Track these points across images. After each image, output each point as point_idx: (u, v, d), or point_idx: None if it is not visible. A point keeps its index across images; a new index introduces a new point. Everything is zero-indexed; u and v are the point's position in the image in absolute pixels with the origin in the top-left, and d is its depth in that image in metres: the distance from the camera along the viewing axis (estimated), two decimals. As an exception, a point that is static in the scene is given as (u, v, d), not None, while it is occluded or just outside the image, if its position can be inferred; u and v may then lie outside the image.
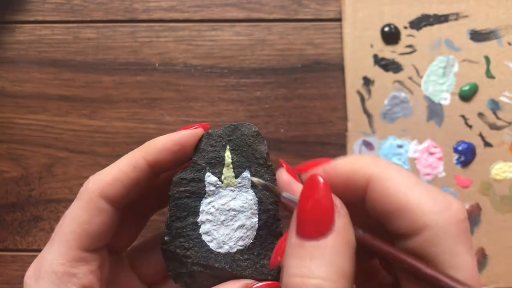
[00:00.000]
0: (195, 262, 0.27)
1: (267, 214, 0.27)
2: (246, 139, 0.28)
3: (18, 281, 0.46)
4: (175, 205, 0.27)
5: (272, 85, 0.45)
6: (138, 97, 0.45)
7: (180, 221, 0.27)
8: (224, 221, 0.27)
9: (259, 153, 0.28)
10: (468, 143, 0.43)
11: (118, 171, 0.26)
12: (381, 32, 0.44)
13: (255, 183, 0.26)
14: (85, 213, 0.25)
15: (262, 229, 0.27)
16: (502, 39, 0.43)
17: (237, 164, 0.28)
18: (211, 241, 0.27)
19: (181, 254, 0.27)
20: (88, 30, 0.45)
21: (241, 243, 0.27)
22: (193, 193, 0.27)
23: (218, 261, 0.27)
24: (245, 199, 0.27)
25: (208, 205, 0.27)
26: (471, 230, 0.43)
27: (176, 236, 0.27)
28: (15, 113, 0.46)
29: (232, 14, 0.45)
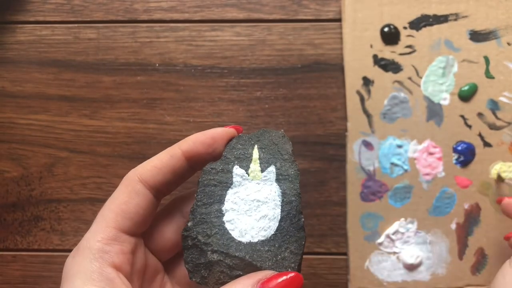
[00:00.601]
0: (215, 249, 0.28)
1: (289, 205, 0.28)
2: (273, 140, 0.30)
3: (18, 281, 0.46)
4: (203, 191, 0.29)
5: (272, 85, 0.45)
6: (139, 97, 0.45)
7: (206, 207, 0.28)
8: (247, 211, 0.28)
9: (284, 150, 0.30)
10: (468, 143, 0.43)
11: (156, 159, 0.28)
12: (380, 32, 0.44)
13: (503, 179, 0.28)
14: (123, 195, 0.27)
15: (284, 221, 0.28)
16: (502, 39, 0.43)
17: (264, 159, 0.29)
18: (234, 230, 0.28)
19: (202, 241, 0.28)
20: (88, 30, 0.45)
21: (263, 233, 0.28)
22: (220, 182, 0.29)
23: (239, 250, 0.27)
24: (269, 191, 0.28)
25: (234, 194, 0.28)
26: (471, 230, 0.43)
27: (199, 223, 0.28)
28: (16, 113, 0.46)
29: (232, 14, 0.45)
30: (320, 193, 0.45)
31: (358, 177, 0.44)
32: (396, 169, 0.44)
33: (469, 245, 0.43)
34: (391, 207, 0.44)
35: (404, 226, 0.44)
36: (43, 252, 0.46)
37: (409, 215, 0.44)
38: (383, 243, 0.44)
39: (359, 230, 0.44)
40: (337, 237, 0.44)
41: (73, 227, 0.45)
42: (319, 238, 0.45)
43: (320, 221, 0.45)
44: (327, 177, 0.44)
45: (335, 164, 0.44)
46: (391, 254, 0.44)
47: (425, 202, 0.44)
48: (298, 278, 0.26)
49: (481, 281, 0.43)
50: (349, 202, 0.44)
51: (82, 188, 0.45)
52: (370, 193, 0.44)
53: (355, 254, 0.44)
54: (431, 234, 0.44)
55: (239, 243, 0.28)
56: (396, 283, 0.44)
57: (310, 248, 0.45)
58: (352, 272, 0.44)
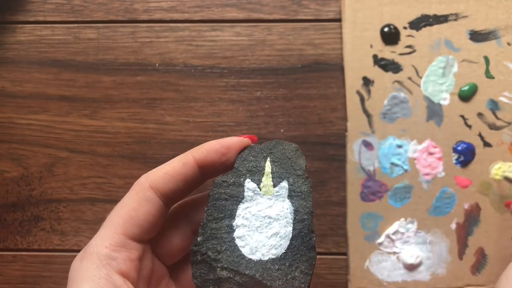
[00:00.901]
0: (225, 266, 0.27)
1: (301, 224, 0.28)
2: (286, 153, 0.29)
3: (18, 281, 0.46)
4: (213, 205, 0.28)
5: (272, 85, 0.45)
6: (139, 97, 0.45)
7: (216, 222, 0.28)
8: (259, 227, 0.28)
9: (298, 166, 0.29)
10: (468, 143, 0.43)
11: (169, 166, 0.28)
12: (380, 32, 0.44)
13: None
14: (133, 201, 0.27)
15: (296, 239, 0.28)
16: (502, 39, 0.43)
17: (276, 174, 0.29)
18: (244, 246, 0.28)
19: (212, 257, 0.27)
20: (88, 30, 0.45)
21: (274, 251, 0.28)
22: (231, 196, 0.28)
23: (249, 268, 0.27)
24: (281, 207, 0.28)
25: (245, 210, 0.28)
26: (471, 230, 0.43)
27: (210, 238, 0.28)
28: (16, 113, 0.46)
29: (232, 14, 0.45)
30: (320, 193, 0.45)
31: (358, 177, 0.44)
32: (396, 169, 0.44)
33: (469, 245, 0.43)
34: (391, 207, 0.44)
35: (404, 226, 0.44)
36: (43, 252, 0.46)
37: (409, 215, 0.44)
38: (383, 243, 0.44)
39: (359, 230, 0.44)
40: (337, 237, 0.44)
41: (73, 227, 0.45)
42: (319, 238, 0.45)
43: (320, 221, 0.45)
44: (327, 177, 0.44)
45: (335, 164, 0.44)
46: (391, 254, 0.44)
47: (425, 202, 0.44)
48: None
49: (481, 281, 0.43)
50: (349, 202, 0.44)
51: (82, 188, 0.45)
52: (370, 193, 0.44)
53: (355, 254, 0.44)
54: (431, 234, 0.44)
55: (250, 261, 0.27)
56: (396, 283, 0.44)
57: (310, 248, 0.45)
58: (352, 272, 0.44)
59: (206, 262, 0.28)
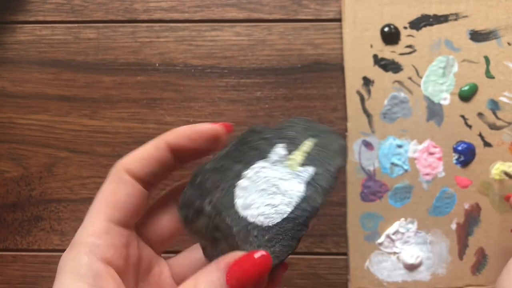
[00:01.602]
0: (213, 202, 0.27)
1: (301, 213, 0.27)
2: (332, 145, 0.28)
3: (18, 281, 0.46)
4: (237, 147, 0.28)
5: (272, 85, 0.45)
6: (139, 97, 0.45)
7: (230, 162, 0.27)
8: (262, 190, 0.27)
9: (334, 162, 0.28)
10: (468, 143, 0.43)
11: (142, 150, 0.28)
12: (381, 32, 0.44)
13: None
14: (110, 185, 0.27)
15: (288, 222, 0.27)
16: (502, 39, 0.43)
17: (310, 157, 0.28)
18: (240, 198, 0.27)
19: (208, 187, 0.27)
20: (88, 30, 0.45)
21: (262, 219, 0.27)
22: (257, 148, 0.28)
23: (232, 218, 0.26)
24: (294, 187, 0.27)
25: (261, 168, 0.27)
26: (471, 230, 0.43)
27: (216, 170, 0.27)
28: (16, 113, 0.46)
29: (232, 14, 0.45)
30: (320, 193, 0.44)
31: (358, 177, 0.44)
32: (396, 169, 0.44)
33: (469, 245, 0.43)
34: (391, 207, 0.44)
35: (404, 226, 0.44)
36: (43, 252, 0.46)
37: (409, 215, 0.44)
38: (383, 243, 0.44)
39: (359, 230, 0.44)
40: (337, 237, 0.44)
41: (73, 227, 0.45)
42: (319, 238, 0.45)
43: (320, 221, 0.45)
44: (327, 177, 0.44)
45: (335, 164, 0.44)
46: (391, 254, 0.44)
47: (425, 202, 0.44)
48: (267, 258, 0.25)
49: (481, 281, 0.43)
50: (349, 202, 0.44)
51: (82, 188, 0.45)
52: (370, 193, 0.44)
53: (355, 254, 0.44)
54: (431, 234, 0.44)
55: (236, 213, 0.27)
56: (396, 283, 0.44)
57: (310, 248, 0.45)
58: (352, 272, 0.44)
59: (201, 188, 0.27)
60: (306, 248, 0.45)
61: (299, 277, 0.45)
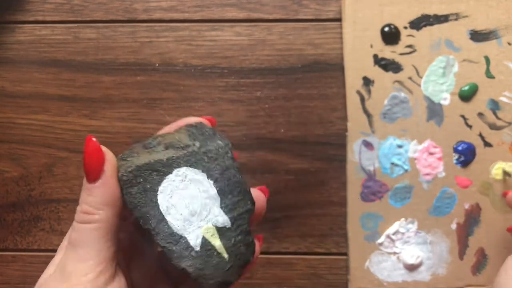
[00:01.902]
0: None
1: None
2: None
3: (18, 281, 0.46)
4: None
5: (272, 85, 0.45)
6: (138, 97, 0.45)
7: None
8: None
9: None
10: (468, 143, 0.43)
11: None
12: (381, 32, 0.44)
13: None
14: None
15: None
16: (502, 39, 0.43)
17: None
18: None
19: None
20: (88, 30, 0.45)
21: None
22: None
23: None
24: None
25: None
26: (471, 230, 0.43)
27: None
28: (16, 113, 0.46)
29: (232, 14, 0.45)
30: (320, 193, 0.44)
31: (358, 177, 0.44)
32: (396, 169, 0.44)
33: (470, 245, 0.43)
34: (391, 207, 0.44)
35: (404, 226, 0.44)
36: (42, 252, 0.46)
37: (409, 215, 0.44)
38: (383, 243, 0.44)
39: (359, 230, 0.44)
40: (337, 237, 0.44)
41: (73, 227, 0.45)
42: (319, 238, 0.45)
43: (320, 221, 0.45)
44: (327, 177, 0.44)
45: (335, 164, 0.44)
46: (391, 254, 0.44)
47: (425, 202, 0.44)
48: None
49: (482, 281, 0.43)
50: (349, 202, 0.44)
51: (82, 188, 0.45)
52: (370, 193, 0.44)
53: (355, 254, 0.44)
54: (432, 234, 0.44)
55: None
56: (396, 283, 0.44)
57: (310, 248, 0.45)
58: (352, 272, 0.44)
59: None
60: (306, 248, 0.45)
61: (299, 277, 0.45)
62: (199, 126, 0.30)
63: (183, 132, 0.30)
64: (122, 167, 0.28)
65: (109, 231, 0.26)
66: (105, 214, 0.26)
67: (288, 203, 0.44)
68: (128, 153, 0.29)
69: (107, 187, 0.27)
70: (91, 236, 0.26)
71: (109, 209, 0.26)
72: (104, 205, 0.26)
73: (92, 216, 0.26)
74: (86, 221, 0.26)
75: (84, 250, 0.26)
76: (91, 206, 0.26)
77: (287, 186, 0.44)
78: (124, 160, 0.29)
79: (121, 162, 0.28)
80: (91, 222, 0.26)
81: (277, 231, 0.45)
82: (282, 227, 0.45)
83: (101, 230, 0.26)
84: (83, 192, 0.27)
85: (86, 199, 0.26)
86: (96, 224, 0.26)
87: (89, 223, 0.26)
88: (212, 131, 0.29)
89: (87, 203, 0.26)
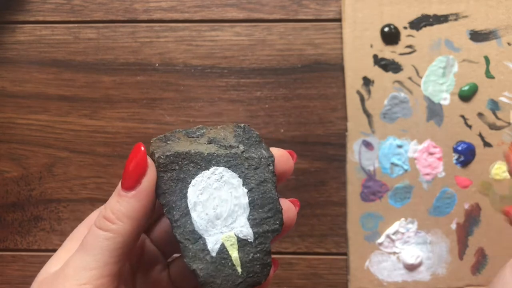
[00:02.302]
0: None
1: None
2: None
3: (18, 281, 0.46)
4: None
5: (272, 85, 0.45)
6: (138, 97, 0.45)
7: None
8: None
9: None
10: (468, 143, 0.43)
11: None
12: (381, 32, 0.44)
13: None
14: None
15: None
16: (502, 39, 0.43)
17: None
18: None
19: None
20: (88, 30, 0.45)
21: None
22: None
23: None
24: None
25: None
26: (471, 230, 0.43)
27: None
28: (16, 113, 0.46)
29: (232, 14, 0.45)
30: (320, 193, 0.44)
31: (358, 177, 0.44)
32: (396, 169, 0.44)
33: (469, 245, 0.43)
34: (391, 207, 0.44)
35: (404, 226, 0.44)
36: (43, 252, 0.46)
37: (409, 215, 0.44)
38: (383, 243, 0.44)
39: (359, 230, 0.44)
40: (337, 237, 0.44)
41: (73, 227, 0.45)
42: (319, 238, 0.45)
43: (320, 221, 0.45)
44: (327, 177, 0.44)
45: (335, 164, 0.44)
46: (391, 254, 0.44)
47: (425, 202, 0.44)
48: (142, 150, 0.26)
49: (482, 281, 0.43)
50: (349, 202, 0.44)
51: (82, 188, 0.45)
52: (370, 193, 0.44)
53: (355, 254, 0.44)
54: (431, 234, 0.44)
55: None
56: (396, 283, 0.44)
57: (310, 248, 0.45)
58: (352, 272, 0.44)
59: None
60: (306, 248, 0.45)
61: (299, 277, 0.45)
62: (247, 129, 0.28)
63: (229, 130, 0.28)
64: (160, 148, 0.27)
65: (123, 245, 0.25)
66: (124, 227, 0.25)
67: (288, 203, 0.44)
68: (169, 136, 0.28)
69: (138, 201, 0.25)
70: (102, 245, 0.25)
71: (130, 223, 0.25)
72: (127, 218, 0.25)
73: (110, 225, 0.25)
74: (103, 227, 0.25)
75: (91, 257, 0.25)
76: (114, 214, 0.25)
77: (287, 186, 0.44)
78: (163, 142, 0.27)
79: (160, 143, 0.27)
80: (108, 230, 0.25)
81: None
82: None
83: (114, 242, 0.25)
84: (113, 196, 0.25)
85: (112, 205, 0.25)
86: (111, 234, 0.25)
87: (105, 231, 0.25)
88: (258, 138, 0.28)
89: (112, 209, 0.25)
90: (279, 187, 0.28)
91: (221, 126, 0.29)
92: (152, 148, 0.27)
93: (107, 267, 0.25)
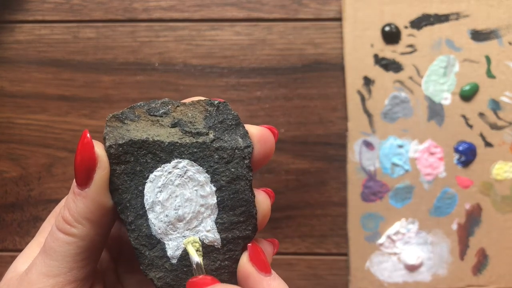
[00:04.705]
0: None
1: None
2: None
3: (17, 281, 0.46)
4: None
5: (272, 85, 0.45)
6: (138, 97, 0.45)
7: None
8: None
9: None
10: (469, 143, 0.43)
11: None
12: (381, 31, 0.44)
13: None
14: None
15: None
16: (503, 38, 0.43)
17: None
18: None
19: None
20: (87, 29, 0.45)
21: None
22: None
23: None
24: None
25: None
26: (472, 231, 0.43)
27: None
28: (15, 113, 0.45)
29: (232, 13, 0.45)
30: (320, 193, 0.44)
31: (358, 177, 0.44)
32: (397, 169, 0.44)
33: (470, 246, 0.43)
34: (392, 208, 0.44)
35: (405, 227, 0.43)
36: (42, 253, 0.45)
37: (410, 215, 0.43)
38: (384, 243, 0.43)
39: (360, 231, 0.43)
40: (338, 237, 0.44)
41: (72, 228, 0.45)
42: (320, 239, 0.44)
43: (320, 221, 0.44)
44: (328, 177, 0.44)
45: (336, 164, 0.44)
46: (392, 254, 0.44)
47: (426, 203, 0.43)
48: None
49: (482, 282, 0.43)
50: (350, 203, 0.44)
51: (81, 188, 0.45)
52: (371, 193, 0.44)
53: (355, 255, 0.44)
54: (432, 234, 0.43)
55: None
56: (397, 284, 0.43)
57: (310, 249, 0.45)
58: (352, 272, 0.44)
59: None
60: (306, 248, 0.45)
61: (299, 278, 0.45)
62: (222, 108, 0.24)
63: (200, 109, 0.24)
64: (112, 133, 0.23)
65: (86, 249, 0.22)
66: (85, 231, 0.22)
67: (288, 204, 0.44)
68: (127, 113, 0.23)
69: (92, 201, 0.22)
70: (64, 250, 0.22)
71: (91, 226, 0.22)
72: (86, 220, 0.22)
73: (70, 228, 0.22)
74: (63, 230, 0.22)
75: (55, 262, 0.22)
76: (71, 215, 0.22)
77: (288, 186, 0.44)
78: (119, 121, 0.23)
79: (116, 124, 0.23)
80: (68, 234, 0.22)
81: (277, 232, 0.45)
82: (282, 227, 0.44)
83: (76, 246, 0.22)
84: (70, 194, 0.23)
85: (70, 205, 0.22)
86: (72, 238, 0.22)
87: (66, 234, 0.22)
88: (236, 120, 0.24)
89: (70, 209, 0.22)
90: (266, 180, 0.25)
91: (191, 102, 0.24)
92: (105, 132, 0.23)
93: (71, 272, 0.22)
